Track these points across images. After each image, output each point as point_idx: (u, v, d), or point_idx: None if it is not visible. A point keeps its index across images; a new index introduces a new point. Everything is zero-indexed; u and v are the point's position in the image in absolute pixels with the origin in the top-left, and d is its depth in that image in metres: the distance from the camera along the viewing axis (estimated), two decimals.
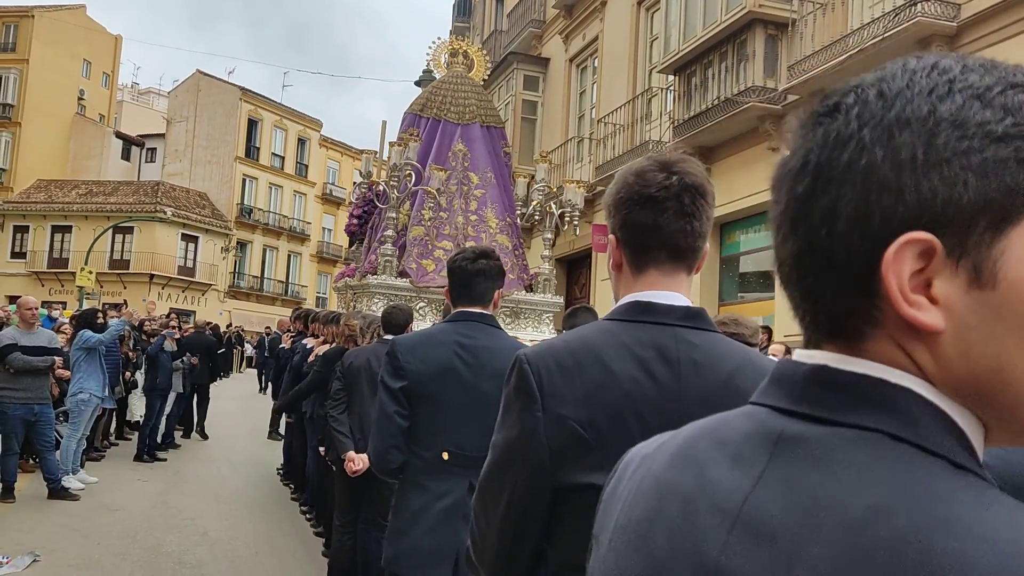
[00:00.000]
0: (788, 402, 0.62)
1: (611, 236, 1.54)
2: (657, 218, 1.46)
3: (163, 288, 37.55)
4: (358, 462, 4.97)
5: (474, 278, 2.77)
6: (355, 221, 11.46)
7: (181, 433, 12.60)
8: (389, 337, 5.43)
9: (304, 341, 9.05)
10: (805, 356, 0.64)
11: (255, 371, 26.12)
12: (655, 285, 1.49)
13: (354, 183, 12.80)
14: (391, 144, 9.67)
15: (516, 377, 1.51)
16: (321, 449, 6.40)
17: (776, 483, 0.59)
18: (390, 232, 9.44)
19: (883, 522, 0.52)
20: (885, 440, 0.56)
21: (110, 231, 31.76)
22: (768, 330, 8.88)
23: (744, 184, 11.10)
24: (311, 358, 7.84)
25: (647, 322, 1.47)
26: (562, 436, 1.42)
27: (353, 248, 12.48)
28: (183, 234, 39.12)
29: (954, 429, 0.57)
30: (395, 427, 2.78)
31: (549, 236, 10.47)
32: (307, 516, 7.91)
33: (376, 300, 9.13)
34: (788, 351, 7.20)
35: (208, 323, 16.37)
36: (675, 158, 1.50)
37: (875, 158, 0.56)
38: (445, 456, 2.76)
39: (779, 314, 10.93)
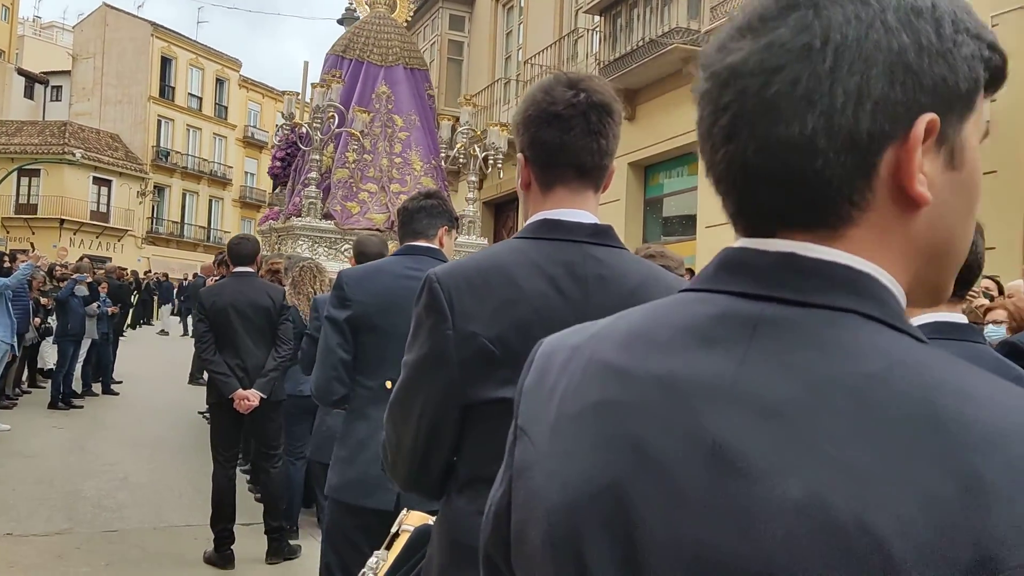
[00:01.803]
0: (758, 287, 0.64)
1: (520, 155, 1.56)
2: (563, 136, 1.48)
3: (75, 234, 35.99)
4: (250, 398, 5.00)
5: (415, 214, 2.86)
6: (278, 163, 11.21)
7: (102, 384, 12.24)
8: (242, 269, 5.22)
9: None
10: (763, 245, 0.65)
11: (176, 317, 25.45)
12: (563, 203, 1.53)
13: (276, 125, 12.45)
14: (314, 85, 9.44)
15: (426, 296, 1.53)
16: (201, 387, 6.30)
17: (765, 362, 0.61)
18: (314, 174, 9.26)
19: (885, 388, 0.56)
20: (860, 319, 0.61)
21: (15, 174, 30.14)
22: (691, 271, 9.10)
23: (668, 126, 11.24)
24: None
25: (556, 239, 1.51)
26: (472, 353, 1.46)
27: (277, 191, 12.21)
28: (95, 177, 37.40)
29: (903, 308, 0.64)
30: (336, 359, 2.83)
31: (474, 179, 10.44)
32: None
33: (301, 242, 9.00)
34: None
35: (119, 268, 15.80)
36: (583, 76, 1.52)
37: (904, 41, 0.60)
38: (388, 385, 2.77)
39: (700, 256, 11.21)
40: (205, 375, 12.40)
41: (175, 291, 27.70)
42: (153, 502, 6.42)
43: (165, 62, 41.81)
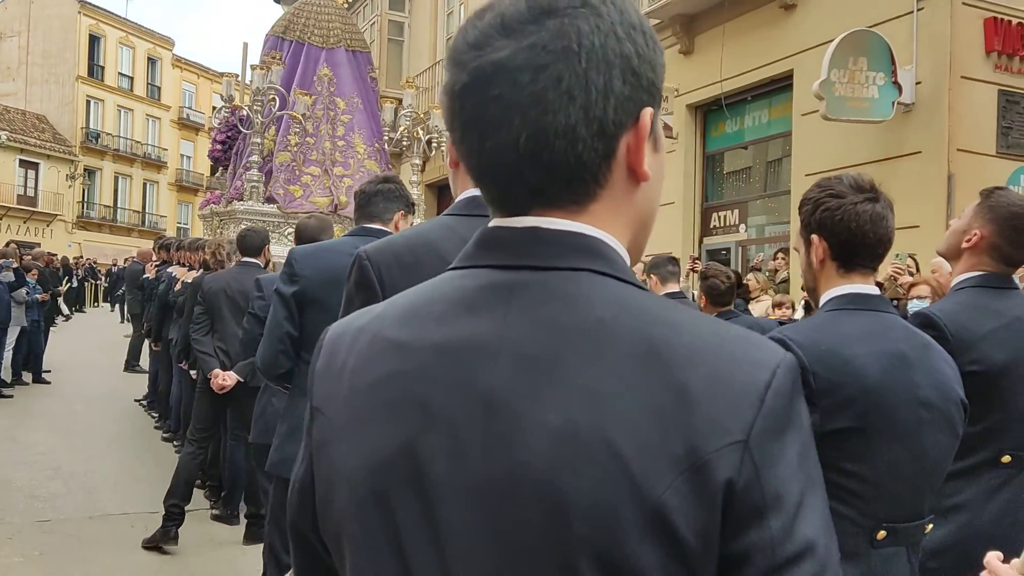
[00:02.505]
0: (510, 259, 0.75)
1: (447, 133, 1.58)
2: None
3: (1, 219, 34.65)
4: (225, 378, 5.18)
5: (372, 197, 2.89)
6: (219, 147, 10.97)
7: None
8: (248, 260, 5.34)
9: (169, 270, 8.69)
10: (512, 223, 0.76)
11: (108, 304, 24.74)
12: None
13: (215, 108, 12.20)
14: (253, 67, 9.26)
15: (356, 273, 1.55)
16: (193, 372, 6.26)
17: (522, 320, 0.72)
18: (255, 158, 9.11)
19: (614, 328, 0.70)
20: (593, 275, 0.73)
21: None
22: None
23: None
24: (177, 286, 7.57)
25: (484, 216, 1.53)
26: None
27: (217, 174, 11.96)
28: (21, 160, 35.99)
29: (628, 265, 0.78)
30: (282, 333, 2.87)
31: (417, 162, 10.40)
32: (172, 442, 7.75)
33: (244, 226, 8.85)
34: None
35: (48, 254, 15.29)
36: None
37: (630, 49, 0.73)
38: None
39: None
40: (141, 362, 12.13)
41: (104, 277, 26.93)
42: (87, 491, 6.29)
43: (94, 40, 40.33)
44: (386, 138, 10.06)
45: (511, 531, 0.68)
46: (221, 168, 11.24)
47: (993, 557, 1.31)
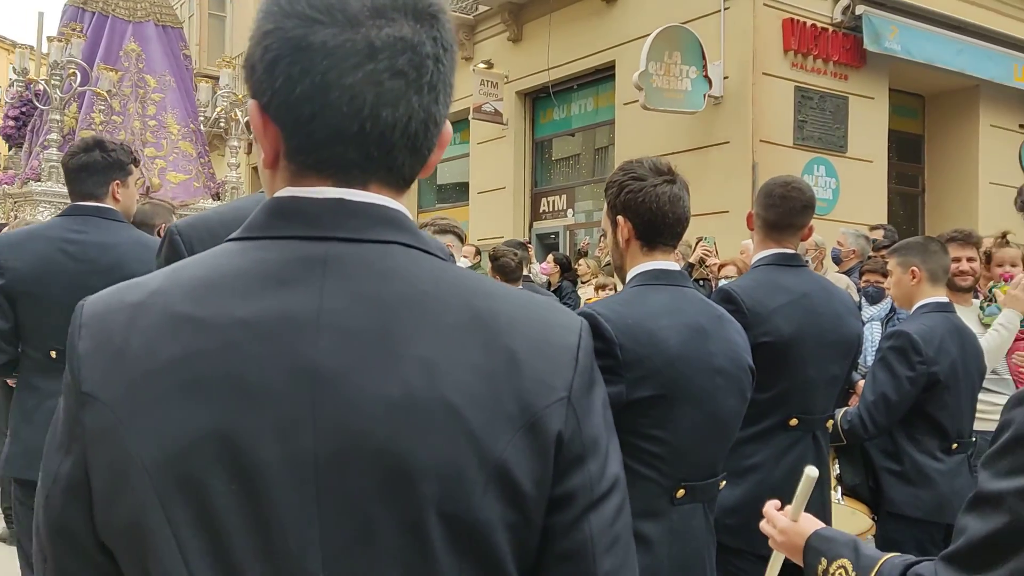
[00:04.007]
0: (314, 230, 0.75)
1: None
2: None
3: None
4: None
5: (76, 174, 2.70)
6: (12, 123, 9.97)
7: None
8: None
9: None
10: (313, 193, 0.76)
11: None
12: None
13: (10, 80, 11.09)
14: (50, 39, 8.47)
15: (167, 249, 1.49)
16: None
17: (342, 294, 0.72)
18: (54, 136, 8.34)
19: (438, 299, 0.74)
20: (403, 248, 0.76)
21: None
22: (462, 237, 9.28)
23: None
24: None
25: None
26: None
27: (11, 153, 10.89)
28: None
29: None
30: None
31: (236, 144, 9.94)
32: None
33: (41, 208, 8.11)
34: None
35: None
36: None
37: (453, 61, 0.80)
38: (53, 355, 2.68)
39: (473, 221, 11.46)
40: None
41: None
42: None
43: None
44: (202, 118, 9.54)
45: (353, 501, 0.69)
46: (15, 146, 10.26)
47: (771, 506, 1.44)
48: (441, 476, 0.69)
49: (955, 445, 2.88)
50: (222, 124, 9.79)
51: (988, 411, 3.27)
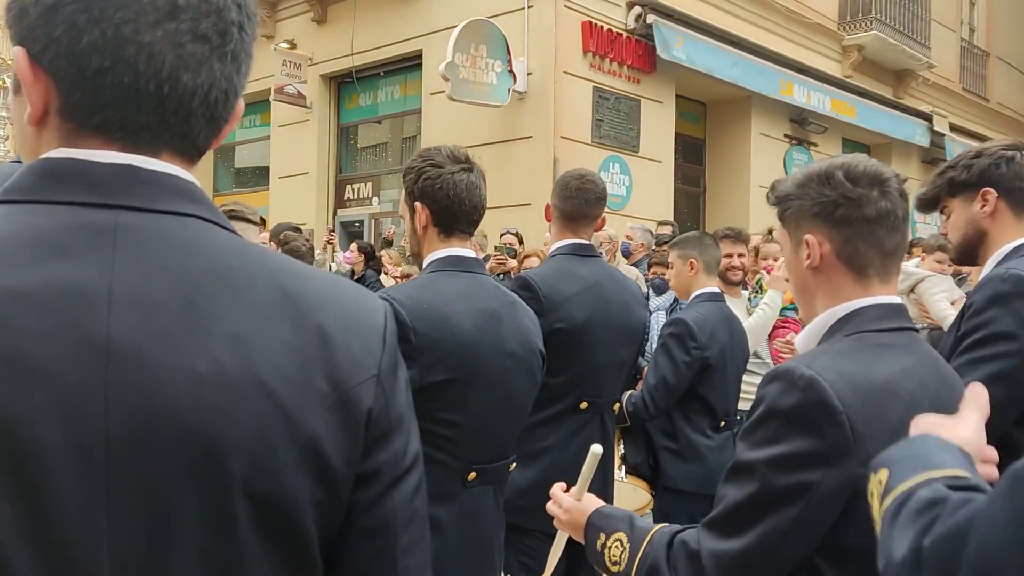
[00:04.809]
0: (98, 197, 0.69)
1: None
2: None
3: None
4: None
5: None
6: None
7: None
8: None
9: None
10: (95, 156, 0.70)
11: None
12: None
13: None
14: None
15: None
16: None
17: (137, 266, 0.67)
18: None
19: (244, 275, 0.71)
20: (200, 222, 0.73)
21: None
22: (263, 220, 8.90)
23: None
24: None
25: None
26: None
27: None
28: None
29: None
30: None
31: (4, 114, 8.93)
32: None
33: None
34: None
35: None
36: None
37: (255, 31, 0.78)
38: None
39: (273, 207, 11.04)
40: None
41: None
42: None
43: None
44: None
45: (150, 485, 0.65)
46: None
47: (557, 488, 1.50)
48: (251, 455, 0.67)
49: (723, 423, 3.16)
50: None
51: (751, 392, 3.59)
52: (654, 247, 6.20)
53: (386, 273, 7.68)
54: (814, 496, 1.10)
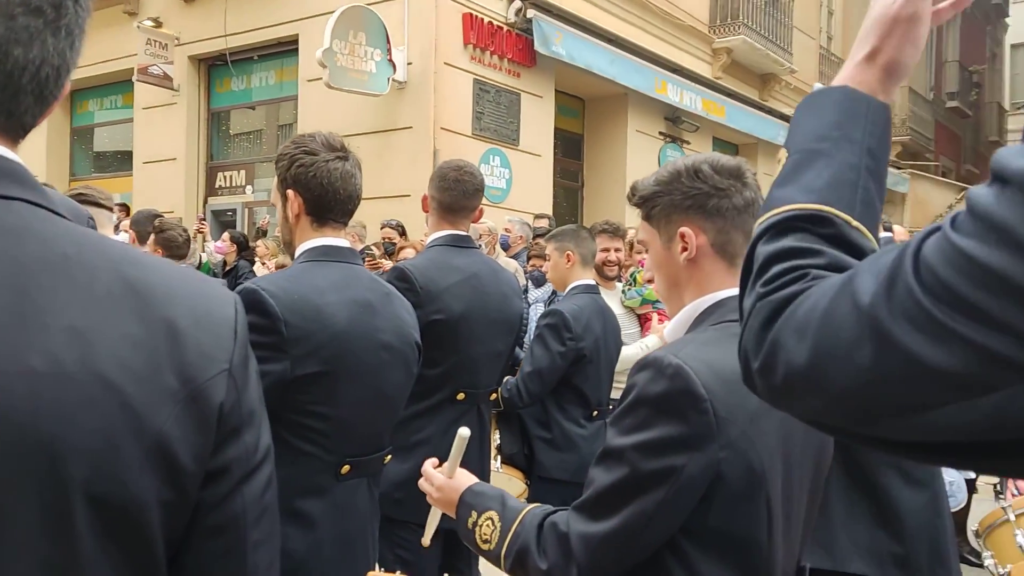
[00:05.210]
0: None
1: None
2: None
3: None
4: None
5: None
6: None
7: None
8: None
9: None
10: None
11: None
12: None
13: None
14: None
15: None
16: None
17: None
18: None
19: (83, 265, 0.67)
20: (30, 207, 0.69)
21: None
22: (125, 208, 8.43)
23: (99, 49, 10.12)
24: None
25: None
26: None
27: None
28: None
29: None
30: None
31: None
32: None
33: None
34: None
35: None
36: None
37: (90, 5, 0.75)
38: None
39: (137, 194, 10.48)
40: None
41: None
42: None
43: None
44: None
45: None
46: None
47: (428, 464, 1.50)
48: (93, 456, 0.64)
49: (595, 412, 3.24)
50: None
51: (623, 382, 3.71)
52: (532, 240, 6.28)
53: (263, 264, 7.43)
54: (679, 479, 1.14)
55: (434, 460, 1.52)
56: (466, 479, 1.45)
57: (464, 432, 1.45)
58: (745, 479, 1.16)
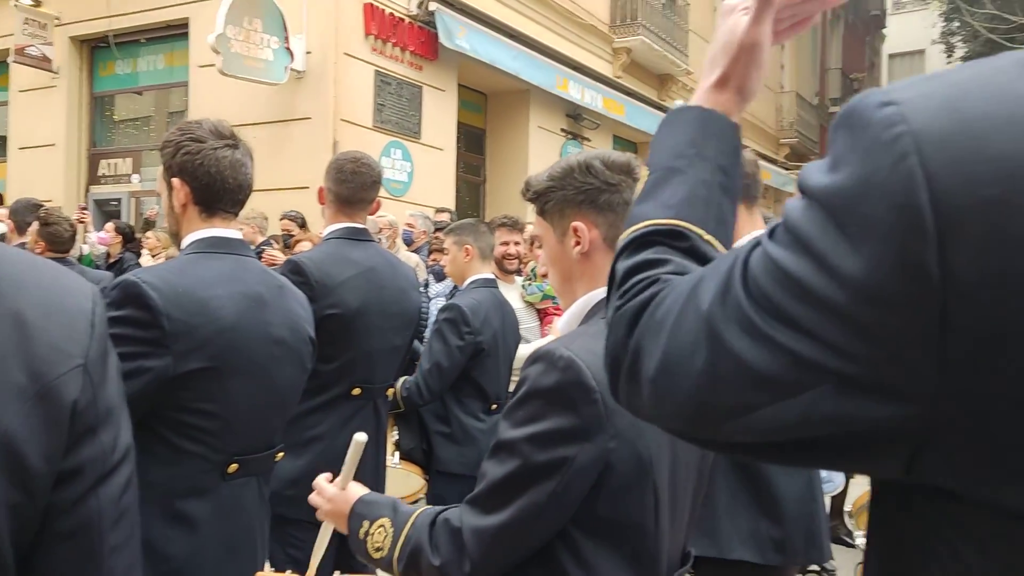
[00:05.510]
0: None
1: None
2: None
3: None
4: None
5: None
6: None
7: None
8: None
9: None
10: None
11: None
12: None
13: None
14: None
15: None
16: None
17: None
18: None
19: None
20: None
21: None
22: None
23: None
24: None
25: None
26: None
27: None
28: None
29: None
30: None
31: None
32: None
33: None
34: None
35: None
36: None
37: None
38: None
39: (12, 181, 9.86)
40: None
41: None
42: None
43: None
44: None
45: None
46: None
47: (322, 478, 1.46)
48: None
49: (494, 406, 3.25)
50: None
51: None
52: (433, 234, 6.25)
53: (153, 257, 7.11)
54: (569, 470, 1.16)
55: (328, 474, 1.48)
56: (357, 490, 1.42)
57: (360, 437, 1.42)
58: (634, 468, 1.18)
